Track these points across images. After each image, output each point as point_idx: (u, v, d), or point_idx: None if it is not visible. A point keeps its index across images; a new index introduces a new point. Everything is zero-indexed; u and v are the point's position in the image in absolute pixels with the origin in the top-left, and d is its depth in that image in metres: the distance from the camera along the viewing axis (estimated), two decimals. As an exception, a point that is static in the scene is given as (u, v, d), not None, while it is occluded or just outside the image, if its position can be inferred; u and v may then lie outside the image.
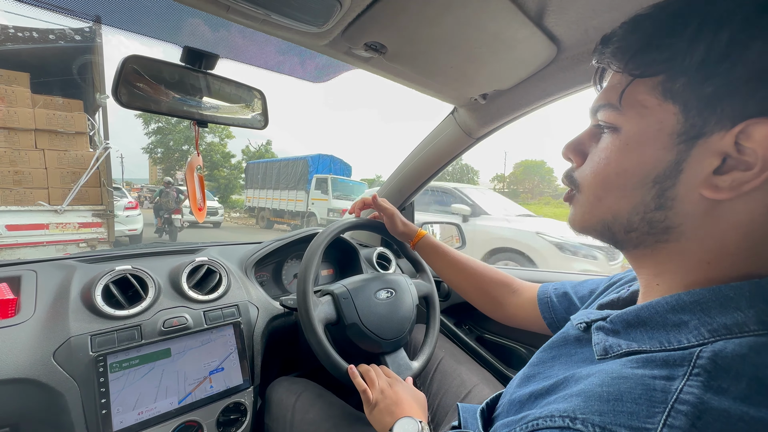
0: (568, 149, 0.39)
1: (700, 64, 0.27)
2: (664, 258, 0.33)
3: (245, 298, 0.90)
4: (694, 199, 0.29)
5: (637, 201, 0.32)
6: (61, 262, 0.82)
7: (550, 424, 0.28)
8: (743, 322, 0.26)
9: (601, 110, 0.35)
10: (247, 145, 28.45)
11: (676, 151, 0.30)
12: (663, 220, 0.31)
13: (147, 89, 0.64)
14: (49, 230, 3.39)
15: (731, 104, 0.27)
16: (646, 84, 0.31)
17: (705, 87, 0.28)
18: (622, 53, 0.32)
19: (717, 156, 0.28)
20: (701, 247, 0.31)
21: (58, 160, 3.49)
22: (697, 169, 0.29)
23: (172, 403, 0.73)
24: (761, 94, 0.26)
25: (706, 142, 0.28)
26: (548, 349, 0.43)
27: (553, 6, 0.57)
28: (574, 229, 0.39)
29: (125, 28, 0.60)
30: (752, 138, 0.26)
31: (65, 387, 0.63)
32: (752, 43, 0.26)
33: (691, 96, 0.28)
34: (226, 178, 25.45)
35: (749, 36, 0.26)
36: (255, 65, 0.75)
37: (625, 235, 0.34)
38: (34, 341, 0.65)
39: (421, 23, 0.58)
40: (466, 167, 28.09)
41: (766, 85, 0.26)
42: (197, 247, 1.01)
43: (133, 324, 0.73)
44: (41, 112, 3.33)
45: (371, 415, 0.68)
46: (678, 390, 0.25)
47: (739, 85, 0.26)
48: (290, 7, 0.52)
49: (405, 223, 0.88)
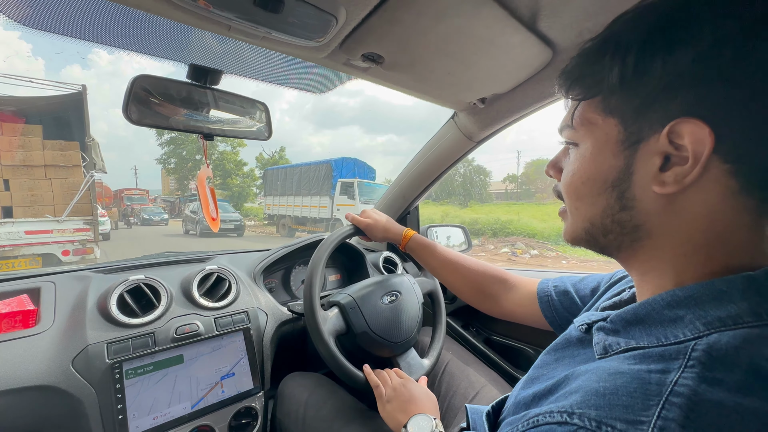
0: (548, 167, 0.44)
1: (620, 83, 0.32)
2: (645, 257, 0.35)
3: (254, 305, 0.92)
4: (651, 197, 0.32)
5: (604, 205, 0.35)
6: (78, 274, 0.85)
7: (549, 419, 0.29)
8: (737, 314, 0.27)
9: (563, 130, 0.40)
10: (260, 152, 28.59)
11: (624, 156, 0.33)
12: (630, 219, 0.34)
13: (156, 106, 0.66)
14: (52, 234, 5.02)
15: (656, 111, 0.31)
16: (590, 104, 0.35)
17: (633, 100, 0.32)
18: (566, 83, 0.37)
19: (659, 155, 0.31)
20: (672, 241, 0.33)
21: (60, 185, 5.22)
22: (644, 169, 0.32)
23: (185, 408, 0.75)
24: (679, 98, 0.30)
25: (646, 145, 0.32)
26: (552, 351, 0.44)
27: (545, 11, 0.57)
28: (568, 243, 0.42)
29: (132, 49, 0.63)
30: (681, 135, 0.29)
31: (83, 393, 0.66)
32: (653, 61, 0.30)
33: (625, 109, 0.33)
34: (239, 186, 25.71)
35: (650, 55, 0.30)
36: (258, 79, 0.78)
37: (604, 238, 0.37)
38: (53, 350, 0.68)
39: (415, 33, 0.59)
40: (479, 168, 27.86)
41: (680, 91, 0.29)
42: (207, 256, 1.04)
43: (147, 331, 0.75)
44: (48, 152, 5.14)
45: (384, 411, 0.69)
46: (672, 382, 0.25)
47: (657, 94, 0.30)
48: (289, 24, 0.54)
49: (386, 229, 0.89)
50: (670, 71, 0.29)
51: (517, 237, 11.20)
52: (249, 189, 26.26)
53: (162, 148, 26.70)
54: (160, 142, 26.09)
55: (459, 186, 22.70)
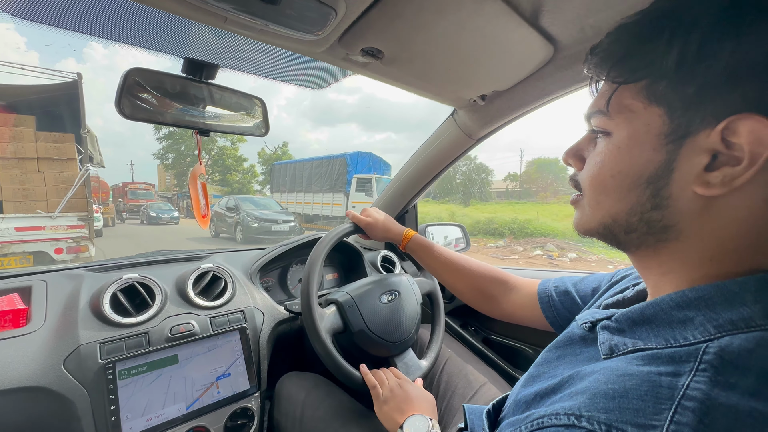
0: (568, 155, 0.40)
1: (677, 68, 0.28)
2: (667, 257, 0.33)
3: (251, 304, 0.91)
4: (689, 197, 0.30)
5: (633, 202, 0.33)
6: (70, 272, 0.83)
7: (555, 422, 0.28)
8: (749, 317, 0.26)
9: (593, 117, 0.36)
10: (263, 148, 27.97)
11: (666, 151, 0.30)
12: (660, 219, 0.32)
13: (149, 100, 0.65)
14: (45, 230, 4.70)
15: (713, 102, 0.27)
16: (631, 90, 0.32)
17: (686, 88, 0.28)
18: (605, 63, 0.34)
19: (706, 153, 0.28)
20: (702, 244, 0.31)
21: (54, 179, 4.85)
22: (688, 168, 0.29)
23: (180, 409, 0.74)
24: (741, 90, 0.27)
25: (693, 140, 0.29)
26: (553, 349, 0.43)
27: (548, 6, 0.56)
28: (578, 232, 0.40)
29: (127, 41, 0.61)
30: (738, 133, 0.27)
31: (75, 394, 0.65)
32: (722, 45, 0.27)
33: (674, 98, 0.29)
34: (239, 182, 25.29)
35: (718, 38, 0.27)
36: (254, 74, 0.76)
37: (625, 236, 0.35)
38: (44, 350, 0.66)
39: (416, 28, 0.58)
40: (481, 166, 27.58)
41: (744, 82, 0.26)
42: (202, 254, 1.02)
43: (140, 331, 0.74)
44: (42, 144, 4.74)
45: (381, 412, 0.69)
46: (684, 386, 0.25)
47: (718, 83, 0.27)
48: (287, 17, 0.52)
49: (387, 229, 0.88)
50: (739, 59, 0.26)
51: (546, 238, 10.51)
52: (249, 185, 25.89)
53: (160, 142, 26.20)
54: (158, 137, 25.65)
55: (460, 184, 22.61)
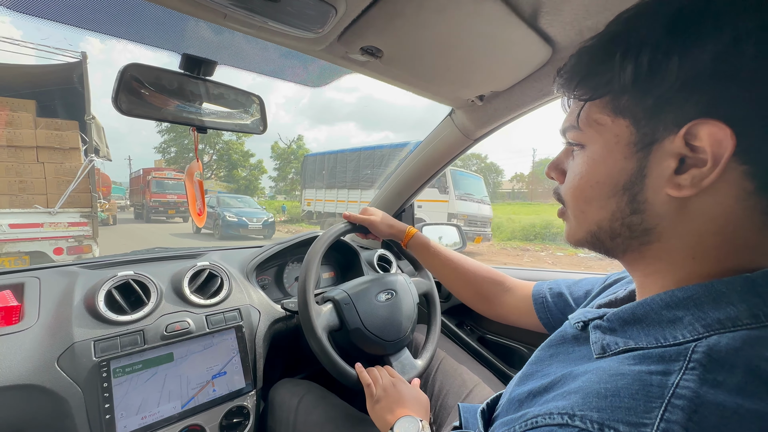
0: (549, 169, 0.42)
1: (633, 83, 0.31)
2: (652, 259, 0.35)
3: (247, 302, 0.91)
4: (663, 200, 0.31)
5: (614, 208, 0.35)
6: (64, 269, 0.82)
7: (549, 421, 0.29)
8: (736, 316, 0.27)
9: (567, 131, 0.38)
10: (276, 141, 26.50)
11: (636, 159, 0.32)
12: (640, 222, 0.33)
13: (147, 97, 0.64)
14: (43, 228, 4.21)
15: (672, 111, 0.30)
16: (597, 105, 0.34)
17: (645, 100, 0.31)
18: (570, 83, 0.36)
19: (673, 157, 0.30)
20: (682, 243, 0.32)
21: (55, 171, 4.31)
22: (658, 172, 0.31)
23: (175, 408, 0.73)
24: (695, 98, 0.29)
25: (660, 146, 0.31)
26: (546, 347, 0.43)
27: (546, 7, 0.57)
28: (570, 244, 0.41)
29: (123, 36, 0.61)
30: (699, 137, 0.29)
31: (69, 392, 0.64)
32: (670, 59, 0.29)
33: (637, 109, 0.32)
34: (245, 179, 24.11)
35: (665, 54, 0.29)
36: (253, 71, 0.76)
37: (611, 242, 0.36)
38: (38, 347, 0.66)
39: (415, 27, 0.58)
40: (492, 165, 26.99)
41: (696, 91, 0.28)
42: (198, 252, 1.02)
43: (135, 329, 0.73)
44: (41, 132, 4.20)
45: (373, 411, 0.69)
46: (674, 384, 0.25)
47: (673, 93, 0.29)
48: (286, 14, 0.52)
49: (391, 225, 0.88)
50: (687, 70, 0.28)
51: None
52: (256, 182, 24.97)
53: (162, 135, 25.26)
54: (159, 130, 24.63)
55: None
